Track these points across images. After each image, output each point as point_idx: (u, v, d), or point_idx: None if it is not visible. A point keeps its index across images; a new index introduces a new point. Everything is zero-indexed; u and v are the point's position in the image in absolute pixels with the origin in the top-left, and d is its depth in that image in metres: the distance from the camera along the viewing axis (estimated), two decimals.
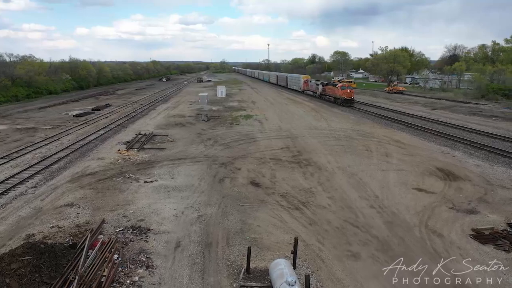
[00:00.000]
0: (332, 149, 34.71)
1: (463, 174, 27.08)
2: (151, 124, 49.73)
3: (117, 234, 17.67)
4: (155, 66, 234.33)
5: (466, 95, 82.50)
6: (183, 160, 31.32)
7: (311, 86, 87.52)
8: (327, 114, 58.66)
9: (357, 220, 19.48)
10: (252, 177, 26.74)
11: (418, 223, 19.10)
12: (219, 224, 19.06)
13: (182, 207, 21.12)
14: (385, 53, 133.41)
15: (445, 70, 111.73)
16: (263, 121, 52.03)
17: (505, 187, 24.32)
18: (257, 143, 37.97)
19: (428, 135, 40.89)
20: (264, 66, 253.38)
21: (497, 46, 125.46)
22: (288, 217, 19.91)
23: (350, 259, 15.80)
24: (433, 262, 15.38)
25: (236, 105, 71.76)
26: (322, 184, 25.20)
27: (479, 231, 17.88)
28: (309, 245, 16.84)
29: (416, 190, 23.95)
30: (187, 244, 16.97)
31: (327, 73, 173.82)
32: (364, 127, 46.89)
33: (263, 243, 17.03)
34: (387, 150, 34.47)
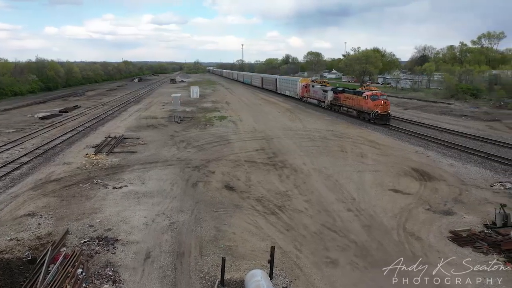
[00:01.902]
0: (307, 151, 34.29)
1: (437, 174, 27.11)
2: (121, 126, 48.12)
3: (82, 246, 16.51)
4: (127, 67, 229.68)
5: (436, 94, 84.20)
6: (155, 163, 30.17)
7: (315, 92, 66.87)
8: (302, 114, 58.40)
9: (334, 224, 18.99)
10: (227, 180, 25.94)
11: (396, 226, 18.77)
12: (192, 232, 18.17)
13: (153, 215, 20.10)
14: (357, 54, 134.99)
15: (415, 71, 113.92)
16: (237, 122, 51.24)
17: (479, 187, 24.42)
18: (231, 145, 37.17)
19: (402, 135, 41.12)
20: (238, 66, 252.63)
21: (465, 47, 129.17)
22: (264, 223, 19.22)
23: (328, 266, 15.23)
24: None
25: (210, 106, 70.69)
26: (298, 186, 24.66)
27: (457, 233, 17.69)
28: (286, 253, 16.18)
29: (393, 191, 23.73)
30: (158, 255, 16.01)
31: (301, 73, 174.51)
32: (338, 127, 46.81)
33: (238, 252, 16.26)
34: (362, 150, 34.33)
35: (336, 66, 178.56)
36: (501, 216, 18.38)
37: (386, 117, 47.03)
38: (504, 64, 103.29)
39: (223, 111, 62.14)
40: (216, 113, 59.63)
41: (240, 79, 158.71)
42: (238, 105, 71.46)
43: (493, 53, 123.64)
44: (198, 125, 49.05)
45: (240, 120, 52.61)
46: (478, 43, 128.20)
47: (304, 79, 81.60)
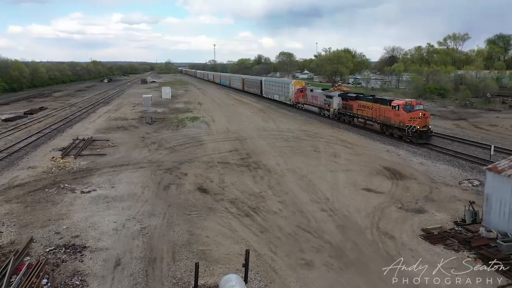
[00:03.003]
0: (281, 151, 34.22)
1: (408, 172, 27.55)
2: (90, 128, 46.70)
3: (47, 255, 15.73)
4: (96, 67, 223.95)
5: (405, 94, 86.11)
6: (125, 166, 29.34)
7: (314, 98, 57.24)
8: (275, 114, 58.43)
9: (309, 225, 18.90)
10: (200, 182, 25.49)
11: (369, 225, 18.87)
12: (164, 236, 17.67)
13: (123, 219, 19.44)
14: (328, 54, 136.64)
15: (385, 71, 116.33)
16: (210, 123, 50.72)
17: (448, 185, 24.95)
18: (204, 146, 36.67)
19: (373, 135, 41.66)
20: (210, 66, 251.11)
21: (432, 48, 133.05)
22: (238, 225, 18.92)
23: (304, 268, 15.09)
24: (387, 266, 15.05)
25: (182, 106, 69.76)
26: (272, 187, 24.49)
27: (428, 231, 17.94)
28: (261, 255, 15.94)
29: (365, 190, 23.91)
30: (128, 262, 15.44)
31: (273, 73, 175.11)
32: (311, 127, 47.03)
33: (212, 256, 15.90)
34: (335, 150, 34.56)
35: (308, 66, 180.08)
36: (470, 213, 18.77)
37: (426, 134, 35.96)
38: (468, 64, 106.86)
39: (195, 112, 61.41)
40: (189, 114, 58.86)
41: (217, 81, 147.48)
42: (211, 106, 70.85)
43: (458, 54, 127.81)
44: (170, 126, 48.23)
45: (213, 121, 52.11)
46: (444, 44, 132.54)
47: (298, 82, 69.34)
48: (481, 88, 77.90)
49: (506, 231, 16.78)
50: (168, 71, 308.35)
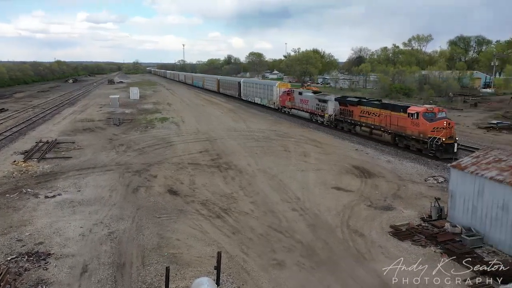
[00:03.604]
0: (251, 151, 34.19)
1: (376, 171, 28.11)
2: (54, 130, 45.13)
3: (9, 264, 14.99)
4: (60, 67, 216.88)
5: (372, 94, 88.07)
6: (92, 169, 28.50)
7: (304, 102, 51.53)
8: (245, 115, 58.38)
9: (280, 225, 18.92)
10: (170, 184, 25.08)
11: (339, 223, 19.09)
12: (133, 240, 17.24)
13: (90, 224, 18.84)
14: (298, 55, 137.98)
15: (352, 71, 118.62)
16: (180, 123, 50.10)
17: (414, 182, 25.62)
18: (174, 147, 36.16)
19: (342, 134, 42.29)
20: (179, 67, 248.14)
21: (397, 49, 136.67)
22: (209, 227, 18.71)
23: (275, 268, 15.07)
24: (357, 264, 15.28)
25: (151, 107, 68.60)
26: (243, 188, 24.40)
27: (397, 227, 18.34)
28: (233, 257, 15.81)
29: (335, 189, 24.21)
30: (96, 268, 14.95)
31: (243, 74, 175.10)
32: (281, 127, 47.27)
33: (183, 259, 15.64)
34: (305, 149, 34.85)
35: (277, 66, 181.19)
36: (436, 209, 19.32)
37: (452, 148, 30.42)
38: (431, 65, 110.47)
39: (164, 113, 60.52)
40: (158, 115, 57.93)
41: (189, 82, 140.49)
42: (180, 106, 70.03)
43: (422, 54, 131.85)
44: (139, 127, 47.30)
45: (183, 122, 51.50)
46: (409, 45, 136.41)
47: (283, 84, 64.20)
48: (444, 88, 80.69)
49: (469, 226, 17.37)
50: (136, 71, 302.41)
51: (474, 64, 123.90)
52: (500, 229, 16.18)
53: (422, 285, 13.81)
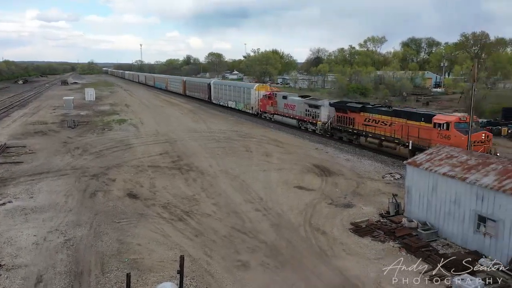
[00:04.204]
0: (213, 152, 33.94)
1: (336, 169, 28.70)
2: (3, 134, 42.72)
3: None
4: (8, 67, 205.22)
5: (331, 93, 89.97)
6: (46, 174, 27.23)
7: (290, 107, 46.05)
8: (206, 115, 57.93)
9: (244, 226, 18.88)
10: (129, 188, 24.40)
11: (302, 222, 19.31)
12: (91, 247, 16.60)
13: (45, 232, 17.98)
14: (257, 55, 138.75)
15: (311, 71, 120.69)
16: (138, 125, 48.93)
17: (373, 179, 26.38)
18: (133, 149, 35.24)
19: (303, 133, 42.88)
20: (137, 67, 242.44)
21: (353, 50, 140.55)
22: (171, 230, 18.36)
23: (240, 270, 15.01)
24: (320, 261, 15.50)
25: (108, 109, 66.57)
26: (205, 190, 24.15)
27: (357, 224, 18.79)
28: (196, 260, 15.59)
29: (297, 188, 24.47)
30: (51, 278, 14.27)
31: (202, 74, 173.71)
32: (242, 127, 47.28)
33: (145, 264, 15.24)
34: (267, 149, 35.03)
35: (237, 67, 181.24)
36: (394, 205, 19.97)
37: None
38: (386, 65, 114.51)
39: (122, 114, 58.91)
40: (115, 116, 56.30)
41: (150, 83, 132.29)
42: (139, 108, 68.43)
43: (377, 55, 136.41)
44: (95, 129, 45.73)
45: (142, 123, 50.35)
46: (365, 46, 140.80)
47: (263, 86, 57.30)
48: (398, 88, 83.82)
49: (425, 220, 18.08)
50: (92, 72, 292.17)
51: (425, 64, 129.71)
52: (452, 222, 16.94)
53: (383, 278, 14.20)
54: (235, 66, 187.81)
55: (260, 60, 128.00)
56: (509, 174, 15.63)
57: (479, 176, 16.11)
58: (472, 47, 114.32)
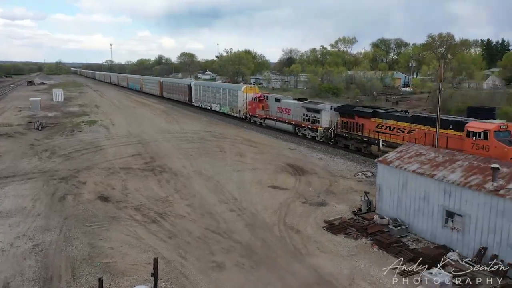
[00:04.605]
0: (186, 153, 33.65)
1: (310, 168, 29.00)
2: None
3: None
4: None
5: (304, 93, 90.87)
6: (11, 178, 26.30)
7: (284, 111, 42.39)
8: (179, 116, 57.38)
9: (218, 227, 18.81)
10: (100, 190, 23.89)
11: (276, 221, 19.41)
12: (61, 252, 16.15)
13: (11, 238, 17.36)
14: (230, 55, 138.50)
15: (284, 71, 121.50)
16: (109, 126, 47.93)
17: (345, 177, 26.81)
18: (104, 151, 34.50)
19: (276, 133, 43.08)
20: (107, 67, 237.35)
21: (325, 50, 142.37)
22: (144, 233, 18.09)
23: (215, 271, 14.94)
24: (295, 260, 15.63)
25: (77, 110, 64.90)
26: (179, 191, 23.92)
27: (330, 222, 19.06)
28: (170, 262, 15.42)
29: (271, 187, 24.59)
30: (19, 285, 13.81)
31: (175, 74, 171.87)
32: (216, 128, 47.09)
33: (118, 268, 14.95)
34: (240, 150, 35.02)
35: (210, 67, 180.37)
36: (366, 202, 20.36)
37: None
38: (357, 65, 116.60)
39: (92, 115, 57.56)
40: (85, 118, 54.94)
41: (123, 84, 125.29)
42: (110, 108, 67.05)
43: (348, 55, 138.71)
44: (64, 131, 44.50)
45: (113, 124, 49.34)
46: (336, 47, 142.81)
47: (251, 88, 52.99)
48: (369, 87, 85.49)
49: (396, 216, 18.52)
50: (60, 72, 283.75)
51: (394, 65, 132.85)
52: (422, 218, 17.44)
53: (356, 275, 14.46)
54: (207, 66, 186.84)
55: (233, 60, 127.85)
56: (474, 170, 16.23)
57: (446, 173, 16.65)
58: (439, 48, 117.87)
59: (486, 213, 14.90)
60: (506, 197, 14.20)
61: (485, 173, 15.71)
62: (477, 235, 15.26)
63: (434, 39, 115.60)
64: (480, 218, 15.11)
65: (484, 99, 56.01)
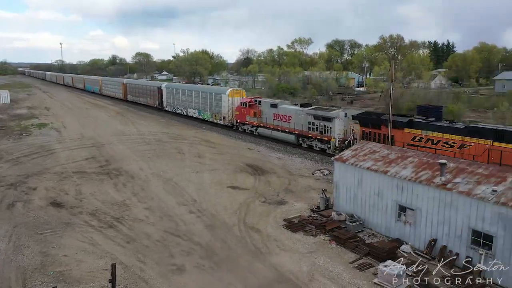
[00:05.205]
0: (143, 155, 32.95)
1: (269, 167, 29.28)
2: None
3: None
4: None
5: (261, 94, 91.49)
6: None
7: (283, 118, 36.86)
8: (135, 117, 56.04)
9: (178, 229, 18.59)
10: (53, 196, 22.91)
11: (236, 221, 19.46)
12: (10, 262, 15.35)
13: None
14: (187, 55, 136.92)
15: (241, 72, 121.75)
16: (61, 129, 46.00)
17: (303, 176, 27.29)
18: (55, 155, 33.09)
19: (234, 133, 43.11)
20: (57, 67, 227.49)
21: (282, 50, 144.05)
22: (101, 238, 17.55)
23: (175, 274, 14.76)
24: (255, 259, 15.74)
25: (26, 112, 61.78)
26: (136, 194, 23.39)
27: (289, 220, 19.35)
28: (129, 267, 15.06)
29: (231, 188, 24.60)
30: None
31: (130, 75, 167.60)
32: (174, 129, 46.44)
33: (73, 276, 14.42)
34: (199, 151, 34.75)
35: (166, 67, 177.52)
36: (323, 200, 20.85)
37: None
38: (313, 66, 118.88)
39: (42, 118, 55.00)
40: (34, 120, 52.41)
41: (79, 85, 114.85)
42: (61, 110, 64.34)
43: (304, 56, 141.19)
44: (11, 135, 42.23)
45: (65, 127, 47.40)
46: (292, 47, 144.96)
47: (237, 91, 46.35)
48: (325, 87, 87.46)
49: (352, 212, 19.11)
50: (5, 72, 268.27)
51: (348, 65, 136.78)
52: (377, 213, 18.10)
53: (315, 271, 14.77)
54: (164, 67, 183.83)
55: (189, 61, 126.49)
56: (424, 166, 17.05)
57: (398, 169, 17.38)
58: (390, 49, 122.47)
59: (435, 206, 15.70)
60: (453, 191, 15.03)
61: (433, 168, 16.54)
62: (428, 228, 16.04)
63: (385, 41, 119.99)
64: (430, 211, 15.91)
65: (432, 98, 58.87)
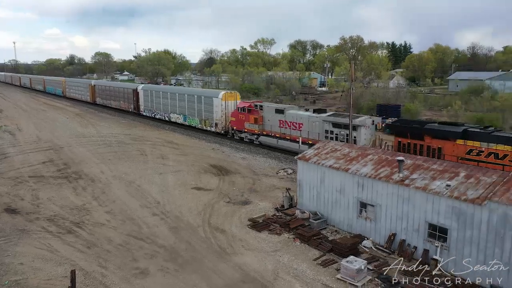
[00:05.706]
0: (104, 157, 32.07)
1: (233, 168, 29.27)
2: None
3: None
4: None
5: None
6: None
7: (291, 125, 32.09)
8: (95, 119, 54.44)
9: (141, 232, 18.24)
10: (7, 202, 21.90)
11: (201, 223, 19.33)
12: None
13: None
14: (149, 55, 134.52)
15: (205, 72, 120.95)
16: (15, 132, 43.99)
17: (268, 175, 27.48)
18: (9, 159, 31.62)
19: (198, 133, 42.76)
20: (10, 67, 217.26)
21: (245, 51, 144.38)
22: (59, 245, 16.94)
23: (138, 278, 14.47)
24: (220, 260, 15.70)
25: None
26: (97, 198, 22.75)
27: (254, 220, 19.43)
28: (89, 273, 14.62)
29: (195, 189, 24.41)
30: None
31: (89, 75, 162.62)
32: (136, 130, 45.49)
33: (30, 285, 13.84)
34: (162, 152, 34.23)
35: (127, 67, 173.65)
36: (287, 198, 21.09)
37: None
38: (276, 66, 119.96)
39: None
40: None
41: (38, 87, 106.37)
42: (15, 112, 61.52)
43: (267, 56, 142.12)
44: None
45: (19, 130, 45.36)
46: (255, 48, 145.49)
47: (231, 94, 40.87)
48: (288, 87, 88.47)
49: (316, 210, 19.43)
50: None
51: (311, 65, 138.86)
52: (339, 210, 18.50)
53: (280, 269, 14.92)
54: (125, 67, 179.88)
55: (151, 61, 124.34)
56: (383, 163, 17.60)
57: (359, 167, 17.84)
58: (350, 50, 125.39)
59: (394, 202, 16.25)
60: (411, 186, 15.61)
61: (392, 165, 17.11)
62: (387, 223, 16.57)
63: (346, 41, 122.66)
64: (389, 207, 16.44)
65: (390, 97, 60.83)
